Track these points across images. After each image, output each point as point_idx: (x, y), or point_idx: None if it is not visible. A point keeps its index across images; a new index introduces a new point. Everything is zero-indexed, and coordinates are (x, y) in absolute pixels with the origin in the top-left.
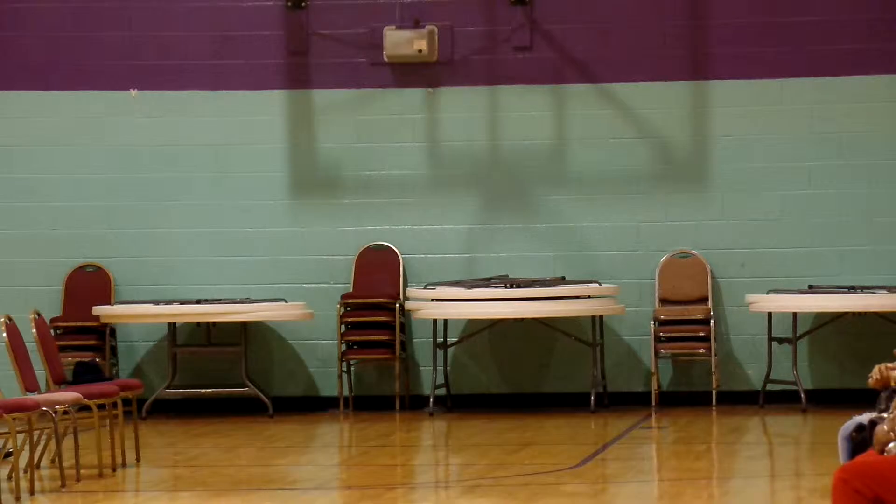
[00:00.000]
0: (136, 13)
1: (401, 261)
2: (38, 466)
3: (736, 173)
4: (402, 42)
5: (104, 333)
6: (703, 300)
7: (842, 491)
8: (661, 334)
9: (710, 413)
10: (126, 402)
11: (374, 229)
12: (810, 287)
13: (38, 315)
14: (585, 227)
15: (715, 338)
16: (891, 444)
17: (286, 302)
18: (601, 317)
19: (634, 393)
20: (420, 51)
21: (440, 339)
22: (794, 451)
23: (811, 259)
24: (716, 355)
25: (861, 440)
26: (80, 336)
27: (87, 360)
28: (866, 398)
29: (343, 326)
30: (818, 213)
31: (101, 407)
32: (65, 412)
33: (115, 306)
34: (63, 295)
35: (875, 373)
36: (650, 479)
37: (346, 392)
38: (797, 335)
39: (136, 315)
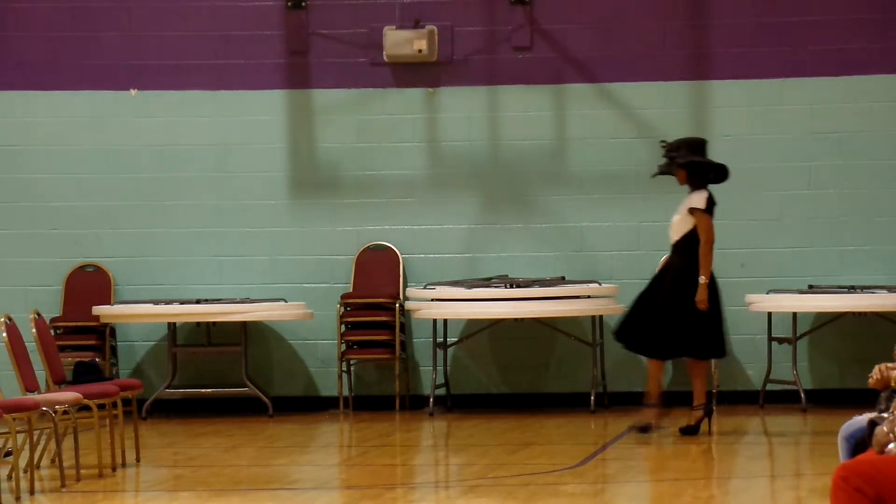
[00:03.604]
0: (136, 13)
1: (401, 261)
2: (38, 466)
3: (736, 173)
4: (402, 42)
5: (104, 333)
6: None
7: (842, 489)
8: None
9: None
10: (126, 402)
11: (374, 229)
12: (810, 287)
13: (38, 315)
14: (585, 227)
15: None
16: (891, 445)
17: (286, 302)
18: (601, 317)
19: (634, 393)
20: (420, 51)
21: (440, 339)
22: (794, 451)
23: (811, 259)
24: None
25: (861, 440)
26: (80, 336)
27: (87, 360)
28: (866, 398)
29: (343, 326)
30: (818, 213)
31: (101, 407)
32: (65, 412)
33: (115, 306)
34: (63, 295)
35: (875, 373)
36: (650, 479)
37: (346, 392)
38: (797, 335)
39: (136, 315)
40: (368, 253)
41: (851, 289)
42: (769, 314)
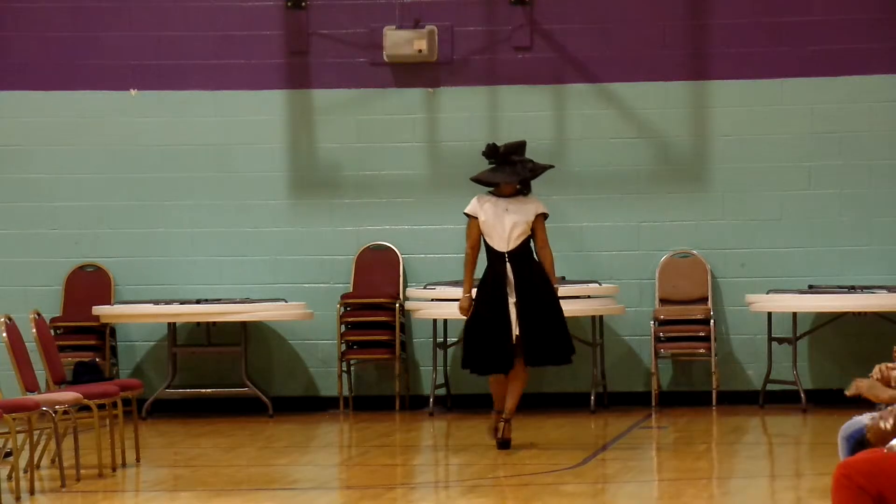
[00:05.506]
0: (136, 13)
1: (401, 261)
2: (38, 466)
3: (736, 173)
4: (402, 42)
5: (104, 333)
6: (703, 300)
7: (843, 487)
8: (661, 334)
9: (710, 413)
10: (126, 402)
11: (374, 229)
12: (810, 287)
13: (38, 315)
14: (585, 227)
15: (715, 338)
16: (893, 442)
17: (286, 302)
18: (601, 317)
19: (634, 393)
20: (420, 51)
21: (440, 339)
22: (794, 451)
23: (811, 259)
24: (716, 355)
25: (860, 440)
26: (80, 336)
27: (87, 360)
28: (866, 398)
29: (343, 326)
30: (818, 213)
31: (101, 407)
32: (65, 412)
33: (115, 306)
34: (63, 295)
35: (875, 373)
36: (650, 479)
37: (346, 392)
38: (797, 335)
39: (136, 315)
40: (368, 253)
41: (851, 289)
42: (769, 314)
